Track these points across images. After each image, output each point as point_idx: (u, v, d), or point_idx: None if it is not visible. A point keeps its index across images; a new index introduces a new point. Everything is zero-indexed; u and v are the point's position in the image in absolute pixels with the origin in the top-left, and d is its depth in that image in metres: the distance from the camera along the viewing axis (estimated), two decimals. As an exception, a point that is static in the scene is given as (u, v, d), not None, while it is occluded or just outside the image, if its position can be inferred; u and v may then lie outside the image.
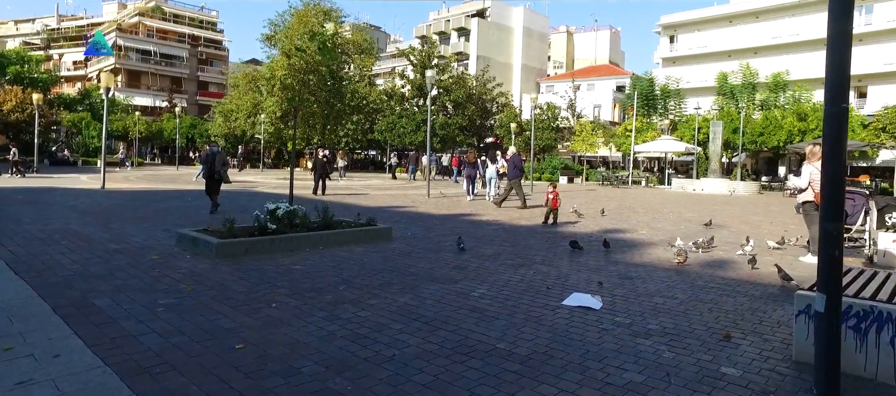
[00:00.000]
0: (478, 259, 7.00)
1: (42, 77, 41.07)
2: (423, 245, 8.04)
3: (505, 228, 10.37)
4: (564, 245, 8.37)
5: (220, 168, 11.59)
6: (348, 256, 6.92)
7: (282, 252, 6.97)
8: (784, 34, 42.46)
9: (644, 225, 11.52)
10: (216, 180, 11.51)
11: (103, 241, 7.41)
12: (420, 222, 10.89)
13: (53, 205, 11.64)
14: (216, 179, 11.50)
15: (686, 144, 31.80)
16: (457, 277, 5.91)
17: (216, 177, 11.48)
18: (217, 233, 7.04)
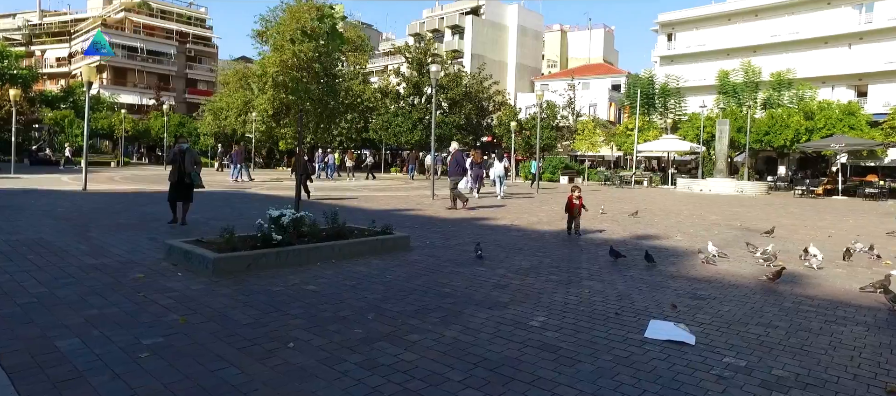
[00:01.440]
0: (515, 273, 6.06)
1: (22, 73, 39.40)
2: (448, 255, 7.09)
3: (528, 234, 9.44)
4: (602, 253, 7.47)
5: (192, 169, 9.13)
6: (367, 272, 5.95)
7: (290, 267, 5.98)
8: (784, 32, 42.03)
9: (673, 229, 10.65)
10: (187, 185, 9.08)
11: (78, 255, 6.36)
12: (434, 228, 9.93)
13: (26, 211, 10.50)
14: (187, 183, 9.08)
15: (690, 143, 31.13)
16: (502, 298, 4.97)
17: (186, 181, 9.06)
18: (213, 246, 6.03)
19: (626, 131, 36.81)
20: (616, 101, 54.75)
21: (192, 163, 9.09)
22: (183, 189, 9.08)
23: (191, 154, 9.23)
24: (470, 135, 40.86)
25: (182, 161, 9.04)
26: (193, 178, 9.12)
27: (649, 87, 40.15)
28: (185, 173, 8.97)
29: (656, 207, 16.06)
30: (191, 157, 9.14)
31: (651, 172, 37.05)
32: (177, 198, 9.11)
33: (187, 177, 9.01)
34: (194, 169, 9.12)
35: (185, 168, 8.98)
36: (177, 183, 9.06)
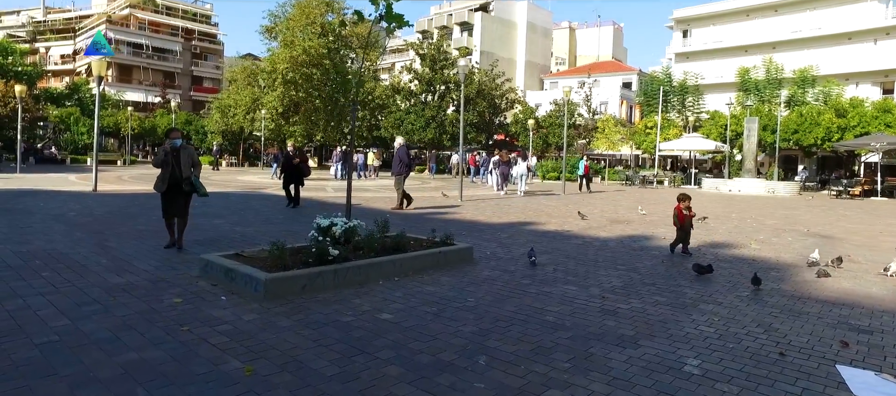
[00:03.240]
0: (612, 293, 5.14)
1: (27, 70, 38.55)
2: (519, 269, 6.17)
3: (589, 242, 8.51)
4: (683, 264, 6.55)
5: (190, 173, 6.73)
6: (442, 293, 5.03)
7: (349, 287, 5.07)
8: (805, 28, 40.96)
9: (739, 235, 9.70)
10: (184, 194, 6.76)
11: (100, 271, 5.45)
12: (482, 234, 9.00)
13: (34, 215, 9.61)
14: (184, 192, 6.75)
15: (716, 142, 30.12)
16: (623, 330, 4.05)
17: (184, 189, 6.72)
18: (258, 262, 5.12)
19: (645, 129, 35.84)
20: (628, 99, 53.77)
21: (190, 163, 6.75)
22: (178, 200, 6.71)
23: (187, 152, 6.76)
24: (483, 133, 39.93)
25: (176, 162, 6.63)
26: (194, 185, 6.71)
27: (667, 85, 39.16)
28: (181, 179, 6.63)
29: (699, 210, 15.08)
30: (187, 157, 6.74)
31: (670, 172, 36.07)
32: (172, 212, 6.77)
33: (185, 183, 6.65)
34: (192, 172, 6.75)
35: (180, 171, 6.63)
36: (170, 192, 6.64)
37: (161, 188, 6.67)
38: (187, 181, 6.68)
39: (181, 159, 6.67)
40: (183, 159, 6.68)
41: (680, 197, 7.73)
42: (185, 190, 6.69)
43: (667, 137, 33.51)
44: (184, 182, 6.66)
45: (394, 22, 6.04)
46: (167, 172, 6.64)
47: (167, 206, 6.77)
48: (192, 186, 6.73)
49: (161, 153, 6.69)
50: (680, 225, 7.56)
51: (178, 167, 6.65)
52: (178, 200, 6.73)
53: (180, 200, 6.75)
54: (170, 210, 6.80)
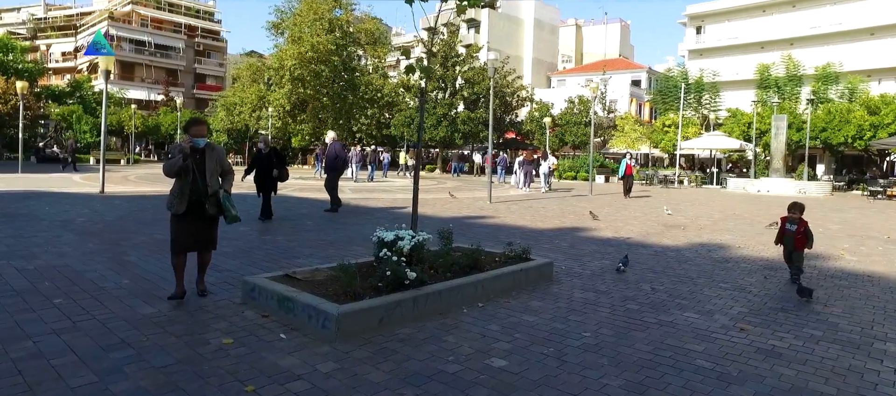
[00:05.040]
0: (756, 327, 4.20)
1: (28, 67, 37.57)
2: (611, 288, 5.24)
3: (662, 253, 7.57)
4: (776, 276, 5.61)
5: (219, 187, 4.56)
6: (543, 324, 4.10)
7: (430, 318, 4.14)
8: (825, 23, 39.97)
9: (822, 243, 8.77)
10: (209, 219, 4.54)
11: (123, 296, 4.52)
12: (539, 242, 8.05)
13: (41, 221, 8.67)
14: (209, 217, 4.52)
15: (739, 141, 29.15)
16: (816, 384, 3.11)
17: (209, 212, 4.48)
18: (320, 288, 4.19)
19: (663, 128, 34.87)
20: (637, 97, 52.80)
21: (218, 171, 4.54)
22: (200, 227, 4.46)
23: (215, 155, 4.52)
24: (495, 132, 38.94)
25: (198, 170, 4.39)
26: (223, 206, 4.47)
27: (683, 83, 38.17)
28: (205, 195, 4.40)
29: (743, 212, 14.15)
30: (215, 161, 4.51)
31: (691, 171, 35.11)
32: (189, 244, 4.45)
33: (210, 201, 4.43)
34: (221, 186, 4.53)
35: (204, 183, 4.39)
36: (189, 214, 4.38)
37: (178, 208, 4.33)
38: (214, 198, 4.43)
39: (206, 165, 4.41)
40: (208, 165, 4.42)
41: (791, 206, 6.00)
42: (209, 212, 4.43)
43: (686, 136, 32.55)
44: (208, 200, 4.40)
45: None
46: (186, 184, 4.34)
47: (182, 236, 4.38)
48: (219, 207, 4.46)
49: (176, 155, 4.30)
50: (782, 242, 5.97)
51: (201, 177, 4.37)
52: (199, 227, 4.42)
53: (203, 227, 4.46)
54: (185, 241, 4.39)
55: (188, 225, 4.45)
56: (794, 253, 5.80)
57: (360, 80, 38.73)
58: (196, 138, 4.44)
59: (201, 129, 4.52)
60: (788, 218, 5.94)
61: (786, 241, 5.90)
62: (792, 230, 5.84)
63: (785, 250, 5.97)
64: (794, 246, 5.79)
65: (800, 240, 5.77)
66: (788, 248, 5.88)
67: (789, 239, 5.85)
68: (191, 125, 4.51)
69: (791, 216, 5.92)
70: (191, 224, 4.45)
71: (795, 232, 5.82)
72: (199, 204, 4.40)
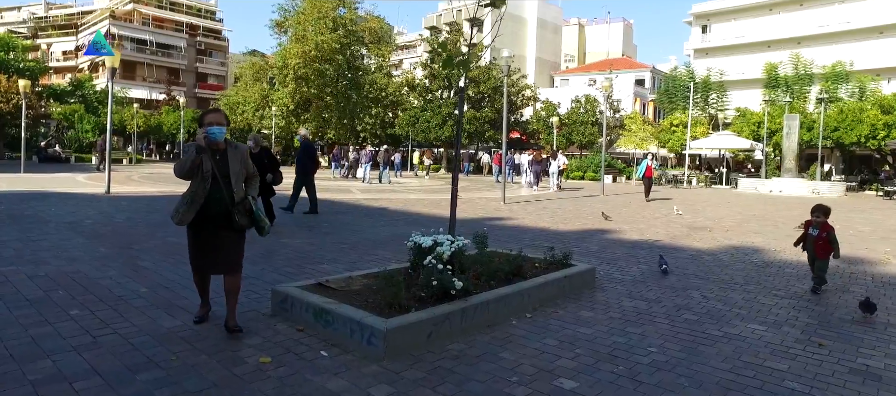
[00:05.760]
0: (833, 341, 3.87)
1: (29, 65, 37.23)
2: (660, 296, 4.92)
3: (697, 257, 7.24)
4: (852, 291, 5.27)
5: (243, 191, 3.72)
6: (601, 338, 3.77)
7: (479, 331, 3.81)
8: (833, 22, 39.62)
9: (865, 246, 8.44)
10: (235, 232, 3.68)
11: (144, 308, 4.19)
12: (567, 245, 7.68)
13: (48, 223, 8.34)
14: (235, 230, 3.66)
15: (749, 141, 28.83)
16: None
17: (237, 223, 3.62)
18: (359, 299, 3.86)
19: (671, 127, 34.54)
20: (641, 96, 52.47)
21: (243, 174, 3.69)
22: (222, 242, 3.62)
23: (238, 155, 3.66)
24: (500, 132, 38.64)
25: (221, 173, 3.56)
26: (254, 217, 3.66)
27: (689, 82, 37.86)
28: (230, 203, 3.58)
29: (763, 213, 13.83)
30: (239, 162, 3.64)
31: (697, 171, 34.79)
32: (208, 265, 3.69)
33: (238, 210, 3.59)
34: (249, 189, 3.74)
35: (228, 189, 3.59)
36: (206, 227, 3.59)
37: (184, 217, 3.53)
38: (241, 207, 3.58)
39: (230, 167, 3.56)
40: (232, 167, 3.57)
41: (815, 209, 5.51)
42: (237, 224, 3.56)
43: (694, 136, 32.23)
44: (236, 209, 3.55)
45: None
46: (201, 189, 3.50)
47: (200, 253, 3.62)
48: (251, 219, 3.62)
49: (190, 154, 3.48)
50: (803, 245, 5.51)
51: (224, 181, 3.54)
52: (220, 242, 3.58)
53: (227, 243, 3.60)
54: (204, 261, 3.63)
55: (204, 240, 3.56)
56: (817, 262, 5.29)
57: (364, 79, 38.44)
58: (212, 128, 3.48)
59: (218, 117, 3.57)
60: (812, 221, 5.44)
61: (807, 247, 5.43)
62: (814, 235, 5.36)
63: (808, 255, 5.47)
64: (814, 253, 5.30)
65: (821, 247, 5.25)
66: (809, 255, 5.40)
67: (810, 244, 5.35)
68: (206, 115, 3.62)
69: (815, 219, 5.41)
70: (207, 238, 3.56)
71: (817, 237, 5.32)
72: (223, 215, 3.55)
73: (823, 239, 5.27)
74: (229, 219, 3.58)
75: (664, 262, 6.18)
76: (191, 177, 3.55)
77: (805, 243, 5.48)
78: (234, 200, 3.60)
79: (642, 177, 17.25)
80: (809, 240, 5.37)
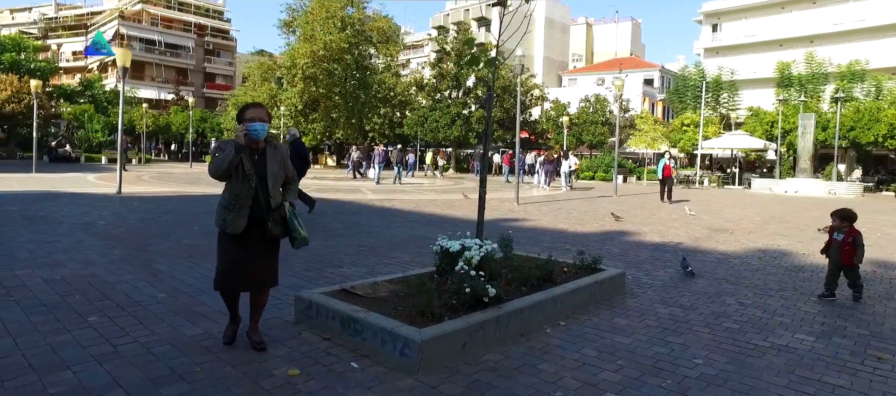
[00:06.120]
0: (879, 350, 3.68)
1: (40, 66, 37.43)
2: (695, 302, 4.73)
3: (723, 260, 7.03)
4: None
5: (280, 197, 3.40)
6: (642, 349, 3.59)
7: (515, 340, 3.64)
8: (848, 20, 39.05)
9: (895, 250, 8.20)
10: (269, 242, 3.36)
11: (163, 314, 4.04)
12: (588, 248, 7.52)
13: (60, 224, 8.25)
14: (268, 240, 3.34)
15: (762, 140, 28.43)
16: None
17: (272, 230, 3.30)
18: (388, 306, 3.70)
19: (682, 127, 34.17)
20: (650, 96, 52.04)
21: (281, 178, 3.36)
22: (260, 253, 3.31)
23: (277, 155, 3.31)
24: (509, 131, 38.39)
25: (258, 175, 3.22)
26: (290, 225, 3.31)
27: (700, 81, 37.45)
28: (268, 210, 3.25)
29: (782, 215, 13.55)
30: (278, 164, 3.30)
31: (708, 171, 34.42)
32: (242, 280, 3.30)
33: (274, 218, 3.27)
34: (287, 194, 3.41)
35: (266, 194, 3.24)
36: (246, 237, 3.22)
37: (235, 224, 3.15)
38: (277, 215, 3.27)
39: (268, 169, 3.23)
40: (270, 169, 3.24)
41: (835, 214, 5.14)
42: (270, 233, 3.26)
43: (706, 135, 31.86)
44: (271, 216, 3.24)
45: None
46: (245, 192, 3.17)
47: (236, 268, 3.22)
48: (284, 226, 3.31)
49: (227, 153, 3.12)
50: (826, 252, 5.18)
51: (260, 183, 3.21)
52: (257, 255, 3.27)
53: (262, 256, 3.30)
54: (239, 278, 3.26)
55: (242, 252, 3.21)
56: (849, 270, 4.97)
57: (372, 79, 38.32)
58: (254, 125, 3.15)
59: (261, 113, 3.23)
60: (836, 227, 5.09)
61: (832, 253, 5.07)
62: (839, 240, 5.01)
63: (831, 262, 5.09)
64: (840, 260, 4.96)
65: (847, 253, 4.92)
66: (834, 261, 5.02)
67: (836, 250, 5.01)
68: (246, 110, 3.24)
69: (839, 225, 5.06)
70: (245, 249, 3.21)
71: (842, 242, 4.98)
72: (260, 222, 3.22)
73: (849, 244, 4.96)
74: (263, 228, 3.25)
75: (688, 264, 6.07)
76: (227, 178, 3.21)
77: (829, 249, 5.15)
78: (269, 206, 3.25)
79: (661, 178, 16.30)
80: (834, 247, 5.04)
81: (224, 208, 3.24)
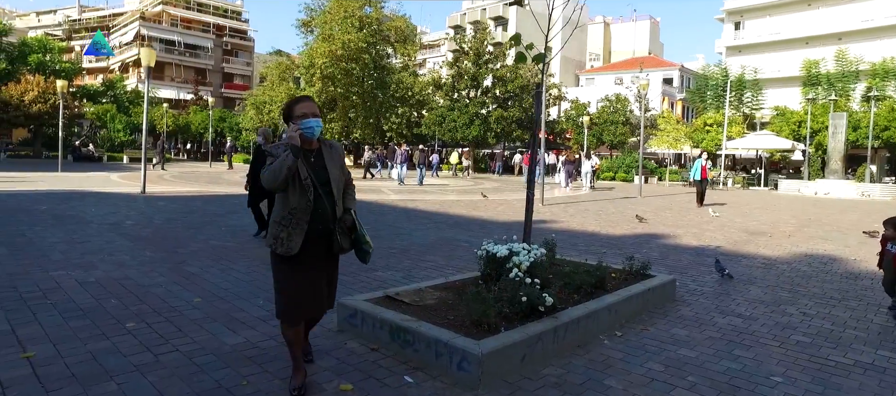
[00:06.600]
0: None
1: (65, 67, 38.11)
2: (748, 311, 4.45)
3: (769, 265, 6.70)
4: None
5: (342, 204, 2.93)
6: (710, 363, 3.34)
7: (573, 352, 3.42)
8: (878, 16, 37.92)
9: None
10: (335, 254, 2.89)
11: (201, 320, 3.90)
12: (624, 251, 7.26)
13: (89, 224, 8.22)
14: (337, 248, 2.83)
15: (790, 140, 27.71)
16: None
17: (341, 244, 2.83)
18: (437, 315, 3.50)
19: (704, 127, 33.49)
20: (669, 95, 51.19)
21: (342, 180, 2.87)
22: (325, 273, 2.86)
23: (334, 155, 2.86)
24: (528, 132, 38.02)
25: (319, 180, 2.74)
26: (358, 237, 2.90)
27: (723, 80, 36.66)
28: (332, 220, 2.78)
29: (819, 217, 13.07)
30: (336, 165, 2.84)
31: (732, 171, 33.68)
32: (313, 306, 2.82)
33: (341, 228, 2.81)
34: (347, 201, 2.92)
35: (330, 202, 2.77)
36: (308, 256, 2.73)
37: (290, 244, 2.67)
38: (342, 225, 2.81)
39: (330, 173, 2.78)
40: (332, 172, 2.79)
41: (892, 222, 4.64)
42: (339, 248, 2.81)
43: (730, 135, 31.17)
44: (338, 226, 2.79)
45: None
46: (303, 204, 2.69)
47: (305, 292, 2.73)
48: (356, 240, 2.90)
49: (285, 158, 2.61)
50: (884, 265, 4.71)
51: (324, 190, 2.75)
52: (321, 273, 2.81)
53: (327, 273, 2.87)
54: (310, 302, 2.77)
55: (309, 273, 2.72)
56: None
57: (390, 79, 38.25)
58: (308, 121, 2.68)
59: (313, 107, 2.77)
60: (890, 237, 4.59)
61: (886, 265, 4.64)
62: (893, 252, 4.55)
63: (886, 275, 4.66)
64: (894, 273, 4.54)
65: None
66: (889, 276, 4.59)
67: (889, 263, 4.57)
68: (296, 104, 2.76)
69: (893, 234, 4.56)
70: (311, 269, 2.73)
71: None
72: (325, 235, 2.74)
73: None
74: (329, 242, 2.78)
75: (723, 267, 5.89)
76: (285, 188, 2.68)
77: (883, 261, 4.73)
78: (335, 216, 2.78)
79: (697, 180, 15.23)
80: (888, 258, 4.61)
81: (277, 224, 2.72)
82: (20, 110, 30.79)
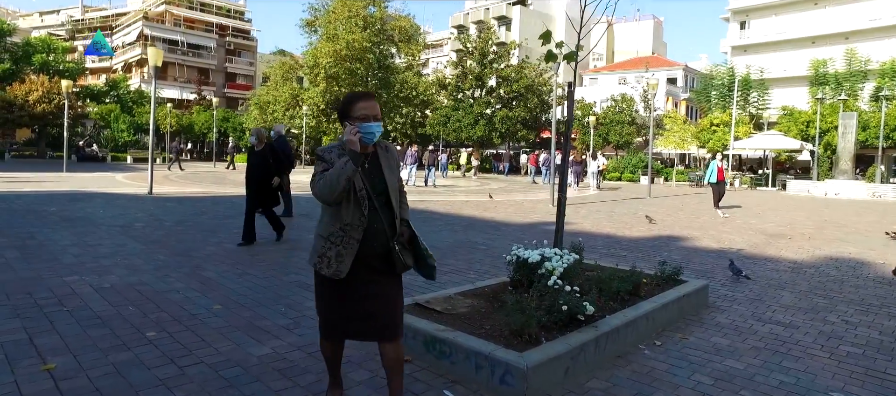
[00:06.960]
0: None
1: (69, 67, 38.06)
2: (787, 318, 4.29)
3: (796, 268, 6.54)
4: None
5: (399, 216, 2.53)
6: (759, 375, 3.18)
7: (613, 362, 3.26)
8: (886, 15, 37.64)
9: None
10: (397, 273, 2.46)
11: (224, 330, 3.75)
12: (646, 255, 7.10)
13: (99, 226, 8.08)
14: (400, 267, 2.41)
15: (798, 141, 27.50)
16: None
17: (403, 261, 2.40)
18: (472, 324, 3.35)
19: (711, 127, 33.28)
20: (673, 95, 50.95)
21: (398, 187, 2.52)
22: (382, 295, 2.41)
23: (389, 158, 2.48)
24: (532, 131, 37.86)
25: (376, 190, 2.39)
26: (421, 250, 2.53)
27: (729, 80, 36.43)
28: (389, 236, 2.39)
29: (835, 218, 12.89)
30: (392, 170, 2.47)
31: (739, 171, 33.46)
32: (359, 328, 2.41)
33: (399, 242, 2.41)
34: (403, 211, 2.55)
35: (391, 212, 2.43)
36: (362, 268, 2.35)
37: (337, 267, 2.31)
38: (402, 238, 2.46)
39: (387, 181, 2.42)
40: (389, 180, 2.43)
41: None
42: (402, 264, 2.41)
43: (737, 136, 30.96)
44: (396, 241, 2.39)
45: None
46: (357, 219, 2.31)
47: (342, 313, 2.39)
48: (418, 254, 2.53)
49: (343, 167, 2.21)
50: None
51: (381, 201, 2.40)
52: (376, 292, 2.39)
53: (384, 292, 2.41)
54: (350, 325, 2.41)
55: (357, 293, 2.34)
56: None
57: (394, 79, 38.13)
58: (368, 125, 2.29)
59: (374, 107, 2.34)
60: None
61: None
62: None
63: None
64: None
65: None
66: None
67: None
68: (355, 102, 2.33)
69: None
70: (362, 289, 2.34)
71: None
72: (384, 251, 2.36)
73: None
74: (388, 258, 2.36)
75: (739, 268, 5.88)
76: (344, 193, 2.25)
77: None
78: (394, 229, 2.39)
79: (714, 182, 14.52)
80: None
81: (325, 240, 2.32)
82: (24, 110, 30.73)
